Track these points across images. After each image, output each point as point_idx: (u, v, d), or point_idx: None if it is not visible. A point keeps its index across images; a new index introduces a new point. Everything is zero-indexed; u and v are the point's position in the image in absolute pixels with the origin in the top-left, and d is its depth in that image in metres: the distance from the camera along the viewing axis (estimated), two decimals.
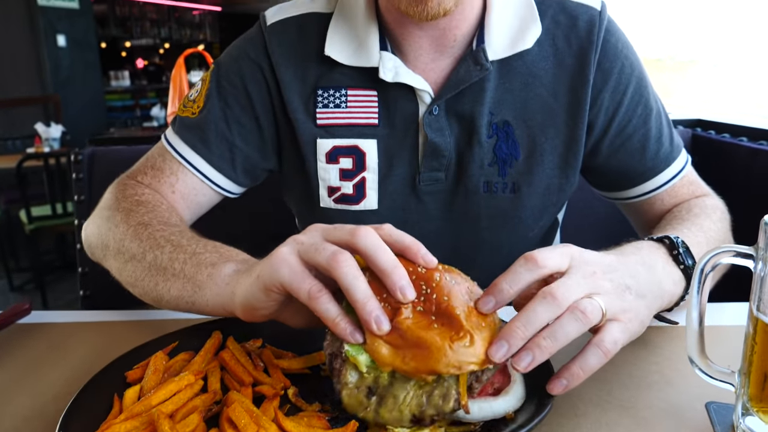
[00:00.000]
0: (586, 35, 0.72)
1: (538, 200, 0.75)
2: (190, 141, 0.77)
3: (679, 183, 0.78)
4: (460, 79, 0.71)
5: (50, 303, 3.45)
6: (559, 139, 0.74)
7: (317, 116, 0.75)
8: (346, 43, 0.73)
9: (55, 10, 5.94)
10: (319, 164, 0.76)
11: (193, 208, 0.79)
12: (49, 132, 3.78)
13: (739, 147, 0.99)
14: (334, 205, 0.77)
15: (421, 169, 0.74)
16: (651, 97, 0.76)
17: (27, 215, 3.32)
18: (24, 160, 3.18)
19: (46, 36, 5.80)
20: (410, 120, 0.74)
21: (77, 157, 1.19)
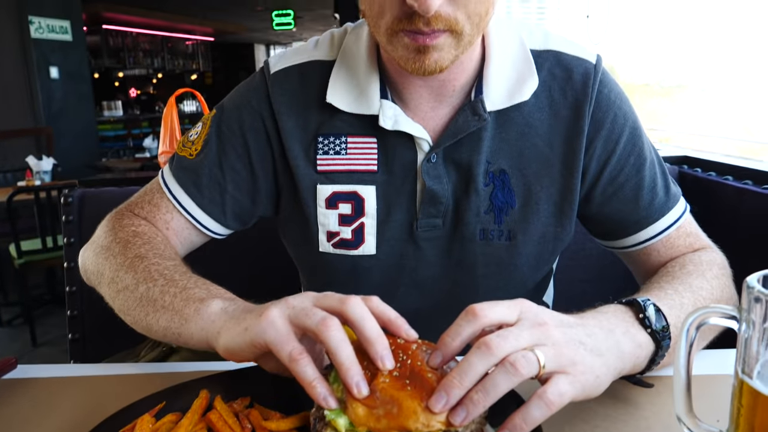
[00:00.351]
0: (582, 88, 0.74)
1: (534, 248, 0.76)
2: (184, 183, 0.79)
3: (675, 234, 0.78)
4: (459, 128, 0.72)
5: (39, 338, 3.42)
6: (554, 188, 0.75)
7: (318, 162, 0.76)
8: (348, 90, 0.75)
9: (49, 43, 5.99)
10: (318, 209, 0.77)
11: (187, 244, 0.82)
12: (40, 165, 3.78)
13: (725, 186, 1.00)
14: (333, 250, 0.78)
15: (419, 215, 0.75)
16: (645, 147, 0.77)
17: (17, 249, 3.29)
18: (14, 194, 3.17)
19: (39, 68, 5.83)
20: (409, 167, 0.75)
21: (67, 199, 1.19)
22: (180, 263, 0.72)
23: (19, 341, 3.47)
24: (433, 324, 0.79)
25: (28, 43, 5.73)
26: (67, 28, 6.19)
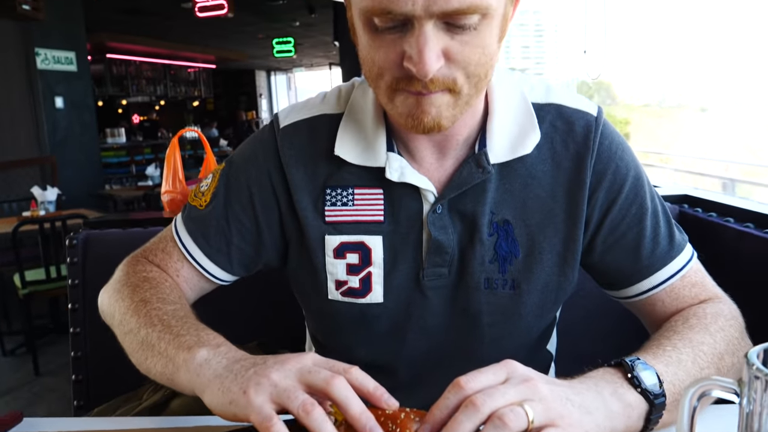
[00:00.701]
0: (583, 140, 0.75)
1: (537, 297, 0.77)
2: (193, 233, 0.82)
3: (680, 284, 0.77)
4: (463, 180, 0.74)
5: (41, 367, 3.40)
6: (557, 239, 0.76)
7: (326, 213, 0.78)
8: (355, 143, 0.77)
9: (54, 73, 6.07)
10: (327, 259, 0.78)
11: (197, 290, 0.86)
12: (45, 195, 3.81)
13: (726, 228, 1.00)
14: (342, 298, 0.79)
15: (425, 264, 0.76)
16: (647, 197, 0.77)
17: (21, 279, 3.30)
18: (20, 225, 3.19)
19: (44, 98, 5.90)
20: (415, 218, 0.76)
21: (72, 241, 1.20)
22: (181, 307, 0.74)
23: (21, 371, 3.46)
24: (441, 370, 0.80)
25: (34, 74, 5.81)
26: (72, 59, 6.28)
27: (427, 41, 0.59)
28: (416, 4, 0.57)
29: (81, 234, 1.22)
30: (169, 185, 1.41)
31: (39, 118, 5.85)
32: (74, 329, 1.20)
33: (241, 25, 9.35)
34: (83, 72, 6.53)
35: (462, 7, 0.58)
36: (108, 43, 10.21)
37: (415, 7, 0.57)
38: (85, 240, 1.21)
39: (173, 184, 1.40)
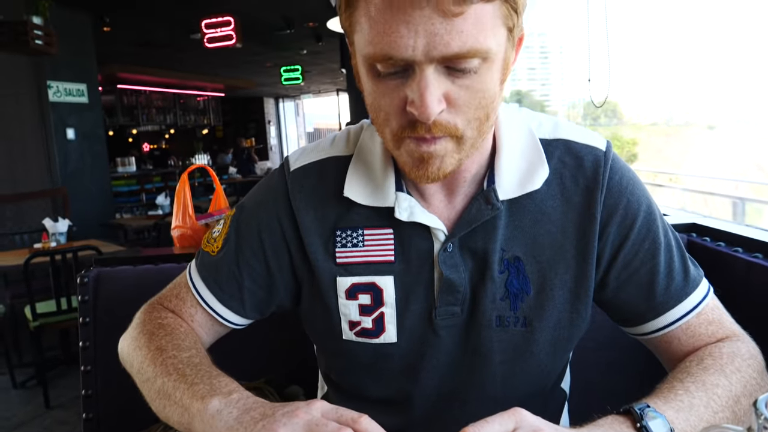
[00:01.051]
0: (593, 175, 0.75)
1: (550, 334, 0.76)
2: (206, 279, 0.83)
3: (696, 321, 0.76)
4: (473, 217, 0.74)
5: (52, 400, 3.40)
6: (568, 275, 0.75)
7: (336, 255, 0.78)
8: (364, 184, 0.77)
9: (66, 106, 6.18)
10: (339, 300, 0.79)
11: (212, 335, 0.87)
12: (56, 227, 3.84)
13: (734, 258, 0.99)
14: (356, 338, 0.79)
15: (437, 303, 0.76)
16: (660, 231, 0.76)
17: (32, 311, 3.32)
18: (31, 258, 3.22)
19: (56, 130, 5.99)
20: (425, 256, 0.76)
21: (83, 279, 1.21)
22: (196, 353, 0.75)
23: (31, 403, 3.45)
24: (454, 408, 0.80)
25: (46, 106, 5.91)
26: (83, 91, 6.39)
27: (428, 85, 0.60)
28: (416, 49, 0.58)
29: (92, 272, 1.23)
30: (179, 221, 1.43)
31: (51, 150, 5.94)
32: (85, 367, 1.21)
33: (249, 54, 9.50)
34: (94, 103, 6.64)
35: (462, 51, 0.58)
36: (119, 74, 10.39)
37: (415, 52, 0.58)
38: (96, 278, 1.22)
39: (183, 220, 1.42)
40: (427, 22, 0.57)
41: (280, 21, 7.67)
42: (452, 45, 0.58)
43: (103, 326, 1.21)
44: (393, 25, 0.58)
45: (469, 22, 0.58)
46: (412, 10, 0.57)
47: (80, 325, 1.21)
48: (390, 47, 0.59)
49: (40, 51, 4.47)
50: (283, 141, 18.27)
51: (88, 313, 1.21)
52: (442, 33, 0.57)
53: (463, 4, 0.56)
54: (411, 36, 0.58)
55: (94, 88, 6.67)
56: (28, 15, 4.34)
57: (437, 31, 0.57)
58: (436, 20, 0.57)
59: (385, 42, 0.59)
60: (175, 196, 1.43)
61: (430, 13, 0.57)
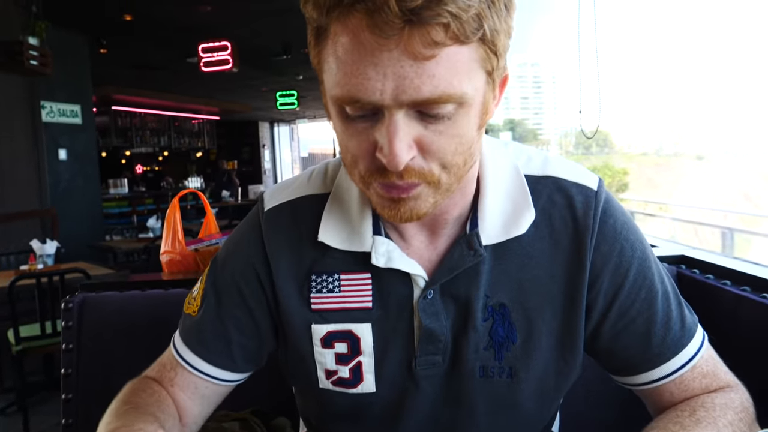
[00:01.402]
0: (583, 217, 0.71)
1: (536, 385, 0.72)
2: (189, 343, 0.78)
3: (690, 375, 0.72)
4: (454, 264, 0.70)
5: (32, 428, 3.32)
6: (556, 322, 0.71)
7: (311, 301, 0.74)
8: (340, 228, 0.73)
9: (59, 126, 6.17)
10: (315, 348, 0.75)
11: (197, 399, 0.79)
12: (44, 249, 3.80)
13: (723, 291, 0.99)
14: (333, 387, 0.75)
15: (417, 353, 0.72)
16: (656, 278, 0.73)
17: (15, 335, 3.25)
18: (16, 280, 3.17)
19: (48, 151, 5.98)
20: (404, 303, 0.72)
21: (68, 305, 1.19)
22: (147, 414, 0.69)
23: (10, 431, 3.37)
24: None
25: (39, 126, 5.90)
26: (77, 112, 6.40)
27: (397, 131, 0.56)
28: (385, 93, 0.54)
29: (77, 297, 1.21)
30: (168, 245, 1.41)
31: (42, 170, 5.91)
32: (66, 395, 1.17)
33: (245, 78, 9.57)
34: (88, 125, 6.64)
35: (433, 96, 0.54)
36: (114, 96, 10.42)
37: (383, 96, 0.54)
38: (81, 303, 1.20)
39: (173, 245, 1.40)
40: (395, 64, 0.53)
41: (276, 46, 7.76)
42: (423, 89, 0.54)
43: (87, 353, 1.18)
44: (360, 67, 0.54)
45: (441, 66, 0.54)
46: (380, 52, 0.53)
47: (63, 351, 1.18)
48: (357, 90, 0.55)
49: (34, 71, 4.49)
50: (277, 165, 18.33)
51: (71, 340, 1.18)
52: (411, 76, 0.53)
53: (434, 46, 0.52)
54: (379, 79, 0.54)
55: (89, 109, 6.68)
56: (24, 36, 4.36)
57: (407, 74, 0.53)
58: (406, 63, 0.53)
59: (353, 84, 0.55)
60: (165, 220, 1.41)
61: (398, 55, 0.53)
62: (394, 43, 0.52)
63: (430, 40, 0.52)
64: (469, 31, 0.53)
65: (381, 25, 0.52)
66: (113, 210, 9.42)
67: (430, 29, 0.52)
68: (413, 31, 0.52)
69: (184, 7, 6.03)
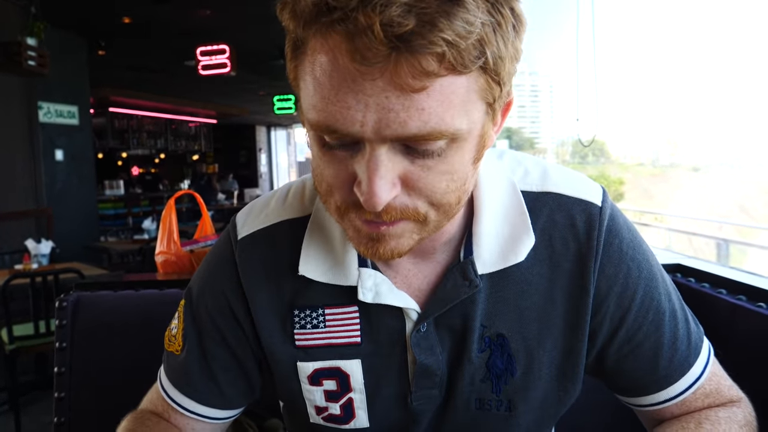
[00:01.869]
0: (586, 239, 0.65)
1: (535, 415, 0.69)
2: (177, 384, 0.74)
3: (692, 397, 0.70)
4: (448, 295, 0.64)
5: (23, 427, 3.30)
6: (556, 351, 0.67)
7: (295, 338, 0.69)
8: (322, 259, 0.67)
9: (56, 127, 6.16)
10: (303, 385, 0.70)
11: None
12: (38, 248, 3.79)
13: (718, 299, 1.00)
14: (324, 423, 0.72)
15: (413, 388, 0.68)
16: (663, 297, 0.68)
17: (8, 334, 3.24)
18: (10, 279, 3.16)
19: (44, 151, 5.96)
20: (396, 337, 0.67)
21: (62, 303, 1.19)
22: None
23: (1, 430, 3.35)
24: None
25: (35, 127, 5.89)
26: (74, 113, 6.39)
27: (377, 167, 0.49)
28: (366, 125, 0.47)
29: (71, 296, 1.20)
30: (163, 246, 1.41)
31: (38, 170, 5.89)
32: (59, 394, 1.17)
33: (243, 82, 9.57)
34: (85, 125, 6.63)
35: (421, 133, 0.47)
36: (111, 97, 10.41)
37: (364, 128, 0.48)
38: (75, 302, 1.19)
39: (168, 246, 1.40)
40: (379, 95, 0.46)
41: (275, 50, 7.77)
42: (410, 125, 0.47)
43: (80, 352, 1.18)
44: (339, 94, 0.47)
45: (432, 99, 0.46)
46: (362, 80, 0.46)
47: (56, 350, 1.18)
48: (335, 119, 0.48)
49: (32, 72, 4.49)
50: (274, 169, 18.32)
51: (65, 338, 1.18)
52: (397, 110, 0.46)
53: (425, 77, 0.45)
54: (360, 109, 0.47)
55: (86, 110, 6.67)
56: (23, 36, 4.36)
57: (392, 107, 0.46)
58: (391, 94, 0.46)
59: (330, 112, 0.48)
60: (161, 221, 1.41)
61: (383, 85, 0.45)
62: (378, 72, 0.45)
63: (420, 70, 0.45)
64: (468, 60, 0.46)
65: (363, 51, 0.44)
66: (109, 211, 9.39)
67: (422, 58, 0.44)
68: (401, 58, 0.44)
69: (184, 11, 6.04)
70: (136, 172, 13.42)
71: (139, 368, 1.19)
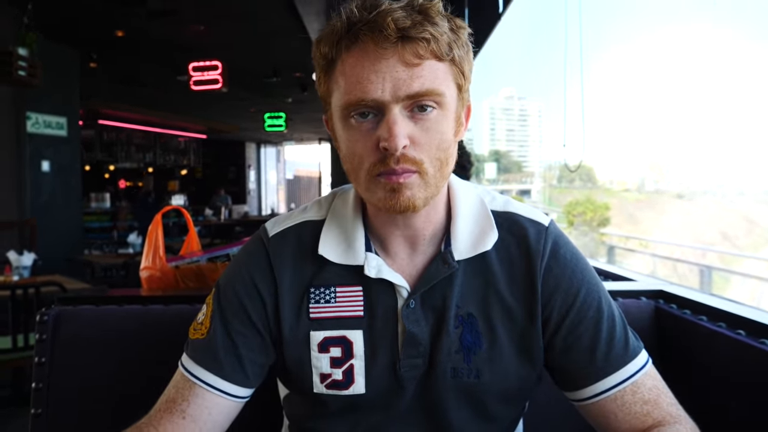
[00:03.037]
0: (535, 245, 0.84)
1: (501, 386, 0.83)
2: (203, 362, 0.83)
3: (631, 399, 0.80)
4: (431, 275, 0.83)
5: None
6: (515, 332, 0.83)
7: (310, 311, 0.85)
8: (337, 244, 0.85)
9: (44, 138, 6.13)
10: (312, 354, 0.84)
11: (209, 426, 0.83)
12: (20, 260, 3.74)
13: (699, 326, 1.01)
14: (326, 391, 0.84)
15: (401, 356, 0.82)
16: (603, 302, 0.84)
17: None
18: None
19: (31, 162, 5.92)
20: (391, 312, 0.83)
21: (42, 317, 1.17)
22: None
23: None
24: None
25: (23, 137, 5.86)
26: (63, 125, 6.36)
27: (396, 121, 0.72)
28: (385, 91, 0.72)
29: (53, 310, 1.19)
30: (149, 261, 1.39)
31: (23, 181, 5.84)
32: (36, 410, 1.15)
33: (234, 99, 9.60)
34: (73, 137, 6.60)
35: (421, 90, 0.72)
36: (101, 110, 10.40)
37: (384, 93, 0.72)
38: (56, 316, 1.18)
39: (153, 261, 1.38)
40: (392, 69, 0.72)
41: (267, 69, 7.82)
42: (414, 86, 0.72)
43: (59, 368, 1.16)
44: (364, 74, 0.72)
45: (426, 71, 0.72)
46: (380, 62, 0.72)
47: (35, 365, 1.16)
48: (363, 92, 0.72)
49: (22, 82, 4.48)
50: (262, 186, 18.30)
51: (44, 353, 1.16)
52: (405, 78, 0.72)
53: (420, 57, 0.72)
54: (380, 81, 0.72)
55: (75, 122, 6.65)
56: (14, 46, 4.35)
57: (401, 76, 0.72)
58: (400, 68, 0.72)
59: (359, 89, 0.72)
60: (147, 235, 1.40)
61: (394, 63, 0.71)
62: (390, 53, 0.71)
63: (417, 53, 0.71)
64: (444, 52, 0.73)
65: (382, 41, 0.71)
66: (94, 224, 9.32)
67: (417, 45, 0.71)
68: (405, 45, 0.71)
69: (177, 26, 6.08)
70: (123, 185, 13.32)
71: (120, 386, 1.18)
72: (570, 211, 28.64)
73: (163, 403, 0.83)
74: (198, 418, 0.81)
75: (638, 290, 1.21)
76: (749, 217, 37.79)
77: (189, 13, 5.70)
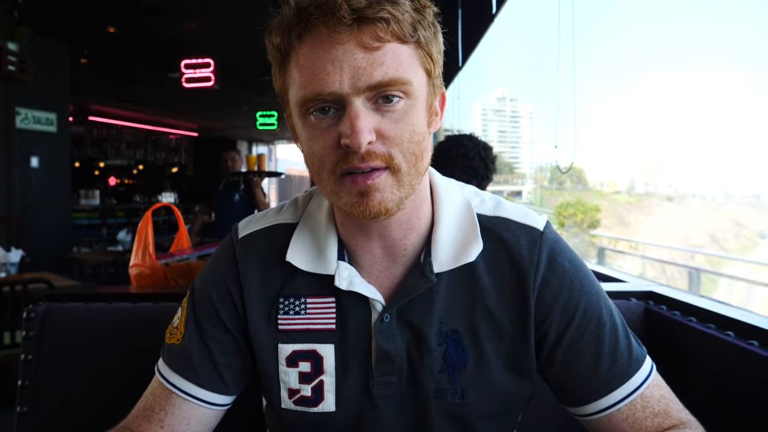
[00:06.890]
0: (528, 256, 0.76)
1: (489, 406, 0.77)
2: (179, 369, 0.80)
3: (642, 415, 0.74)
4: (408, 290, 0.75)
5: None
6: (504, 349, 0.76)
7: (279, 322, 0.79)
8: (307, 251, 0.78)
9: (33, 133, 6.07)
10: (280, 367, 0.78)
11: (201, 428, 0.80)
12: (8, 257, 3.71)
13: (688, 327, 1.01)
14: (294, 407, 0.79)
15: (374, 373, 0.76)
16: (604, 312, 0.77)
17: None
18: None
19: (20, 158, 5.86)
20: (363, 326, 0.77)
21: (30, 314, 1.16)
22: None
23: None
24: None
25: (12, 132, 5.80)
26: (52, 120, 6.31)
27: (358, 115, 0.64)
28: (343, 82, 0.64)
29: (41, 306, 1.17)
30: (138, 258, 1.38)
31: (12, 177, 5.78)
32: (21, 408, 1.14)
33: (226, 97, 9.55)
34: (63, 134, 6.54)
35: (384, 80, 0.64)
36: (91, 106, 10.31)
37: (342, 85, 0.64)
38: (44, 313, 1.16)
39: (143, 258, 1.37)
40: (350, 57, 0.63)
41: (259, 66, 7.79)
42: (375, 75, 0.63)
43: (46, 365, 1.15)
44: (320, 65, 0.64)
45: (388, 56, 0.64)
46: (335, 48, 0.63)
47: (21, 362, 1.14)
48: (320, 85, 0.64)
49: (12, 77, 4.43)
50: None
51: (31, 350, 1.15)
52: (364, 65, 0.63)
53: (379, 40, 0.63)
54: (337, 72, 0.63)
55: (64, 118, 6.59)
56: (4, 41, 4.31)
57: (360, 64, 0.63)
58: (358, 54, 0.63)
59: (315, 82, 0.64)
60: (137, 233, 1.39)
61: (351, 48, 0.63)
62: (346, 38, 0.63)
63: (376, 35, 0.63)
64: (408, 33, 0.65)
65: (335, 25, 0.62)
66: (83, 221, 9.23)
67: (375, 27, 0.63)
68: (362, 27, 0.63)
69: (169, 23, 6.04)
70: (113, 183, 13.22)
71: (107, 384, 1.16)
72: (561, 213, 28.75)
73: (141, 410, 0.80)
74: (176, 428, 0.78)
75: (628, 291, 1.21)
76: (737, 220, 38.12)
77: (181, 9, 5.66)
